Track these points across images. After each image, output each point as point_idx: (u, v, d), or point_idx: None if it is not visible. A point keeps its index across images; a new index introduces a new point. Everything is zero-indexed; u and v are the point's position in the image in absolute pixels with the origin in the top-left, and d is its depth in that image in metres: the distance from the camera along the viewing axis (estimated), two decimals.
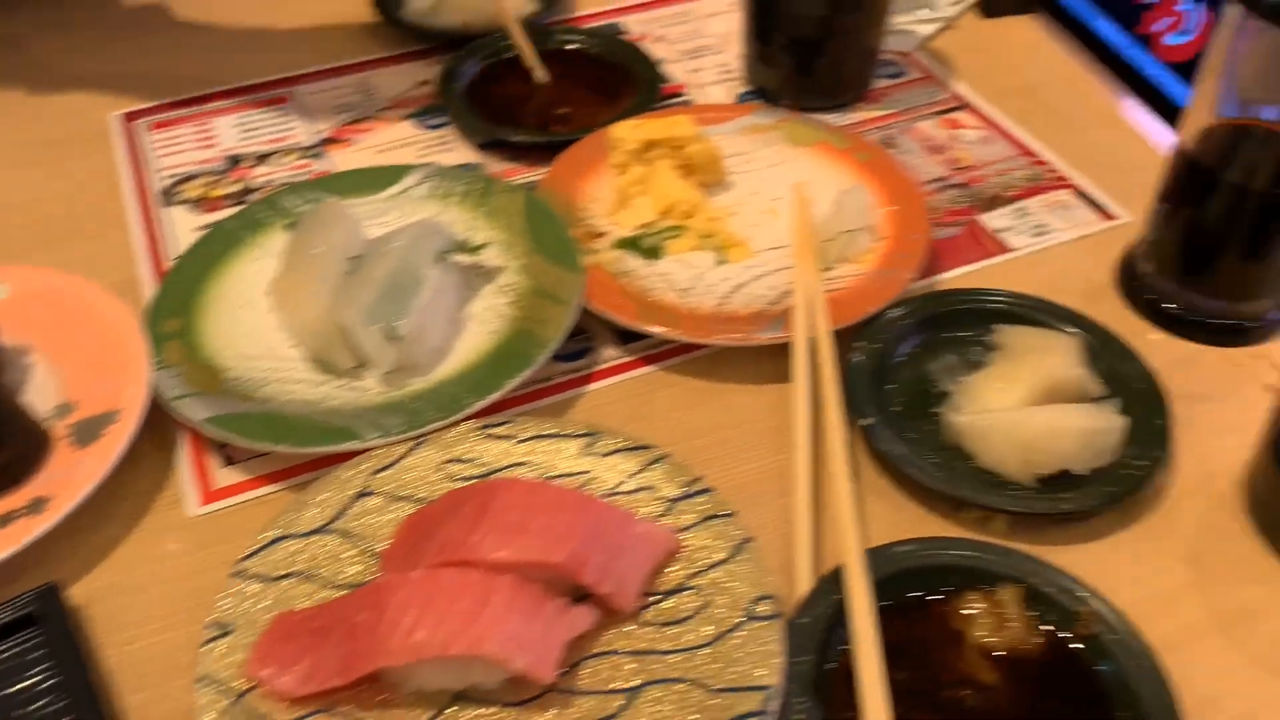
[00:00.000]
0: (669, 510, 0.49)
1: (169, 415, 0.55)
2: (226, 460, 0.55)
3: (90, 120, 0.79)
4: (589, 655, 0.45)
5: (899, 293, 0.60)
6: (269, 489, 0.54)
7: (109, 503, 0.53)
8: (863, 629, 0.44)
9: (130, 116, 0.79)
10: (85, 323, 0.58)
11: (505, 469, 0.51)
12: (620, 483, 0.50)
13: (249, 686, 0.43)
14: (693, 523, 0.48)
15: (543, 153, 0.72)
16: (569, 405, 0.58)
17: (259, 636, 0.45)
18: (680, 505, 0.49)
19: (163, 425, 0.56)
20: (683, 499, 0.49)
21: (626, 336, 0.61)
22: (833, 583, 0.46)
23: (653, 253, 0.64)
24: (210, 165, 0.74)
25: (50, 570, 0.50)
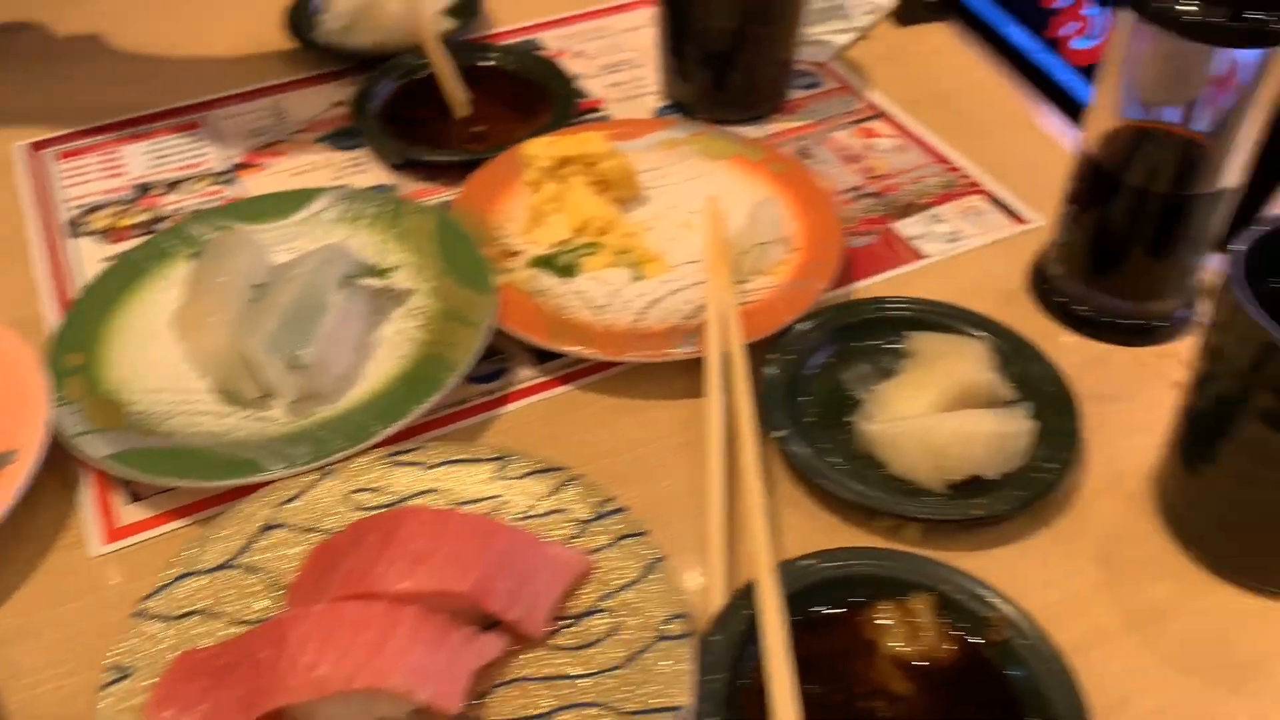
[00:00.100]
0: (581, 532, 0.48)
1: (71, 453, 0.54)
2: (132, 497, 0.54)
3: None
4: (500, 683, 0.44)
5: (812, 303, 0.60)
6: (176, 524, 0.53)
7: (9, 545, 0.51)
8: (774, 644, 0.44)
9: (37, 146, 0.77)
10: None
11: (414, 497, 0.50)
12: (532, 506, 0.50)
13: None
14: (605, 544, 0.48)
15: (459, 172, 0.71)
16: (484, 428, 0.57)
17: (160, 677, 0.44)
18: (593, 526, 0.49)
19: (65, 464, 0.54)
20: (595, 520, 0.49)
21: (543, 356, 0.60)
22: (745, 598, 0.46)
23: (568, 270, 0.63)
24: (118, 194, 0.73)
25: None
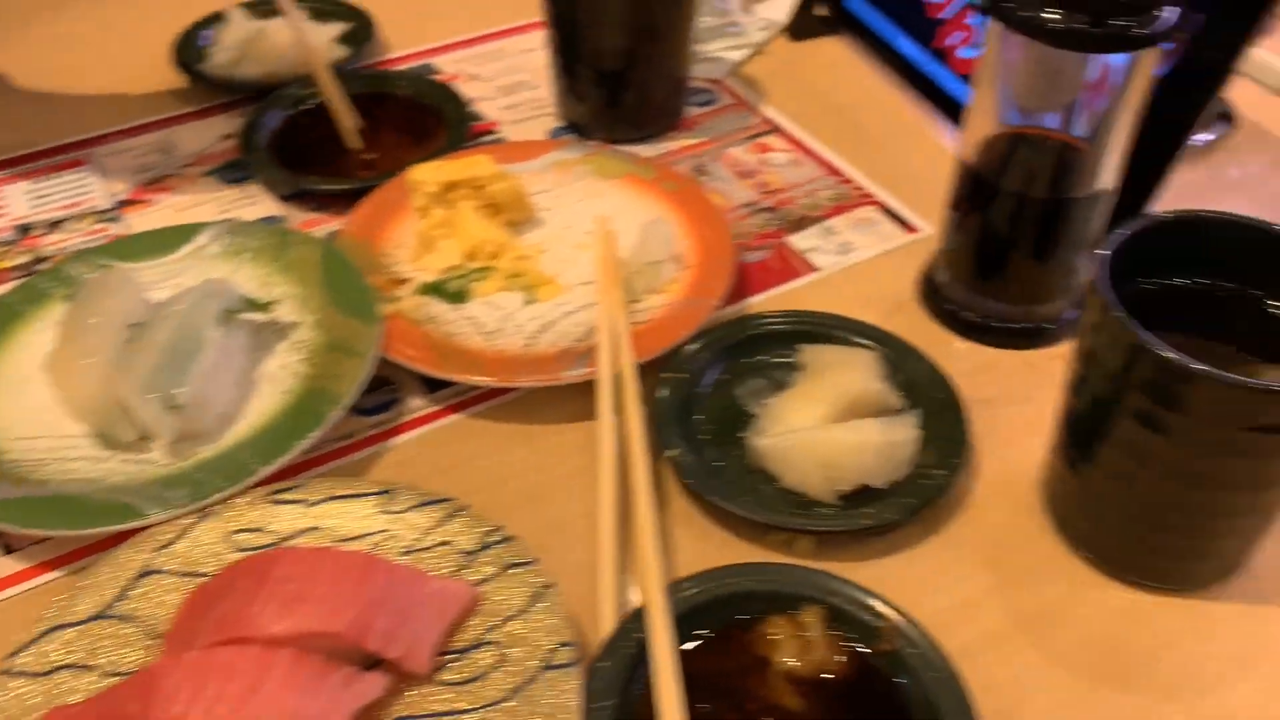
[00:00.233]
0: (468, 563, 0.48)
1: None
2: (5, 549, 0.52)
3: None
4: None
5: (704, 321, 0.60)
6: (53, 575, 0.51)
7: None
8: (663, 666, 0.43)
9: None
10: None
11: (297, 535, 0.49)
12: (418, 539, 0.49)
13: None
14: (492, 574, 0.47)
15: (350, 201, 0.70)
16: (374, 461, 0.56)
17: None
18: (479, 557, 0.48)
19: None
20: (481, 550, 0.48)
21: (434, 385, 0.59)
22: (635, 621, 0.45)
23: (458, 296, 0.62)
24: None
25: None
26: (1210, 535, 0.48)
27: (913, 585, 0.49)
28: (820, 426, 0.53)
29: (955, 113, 0.79)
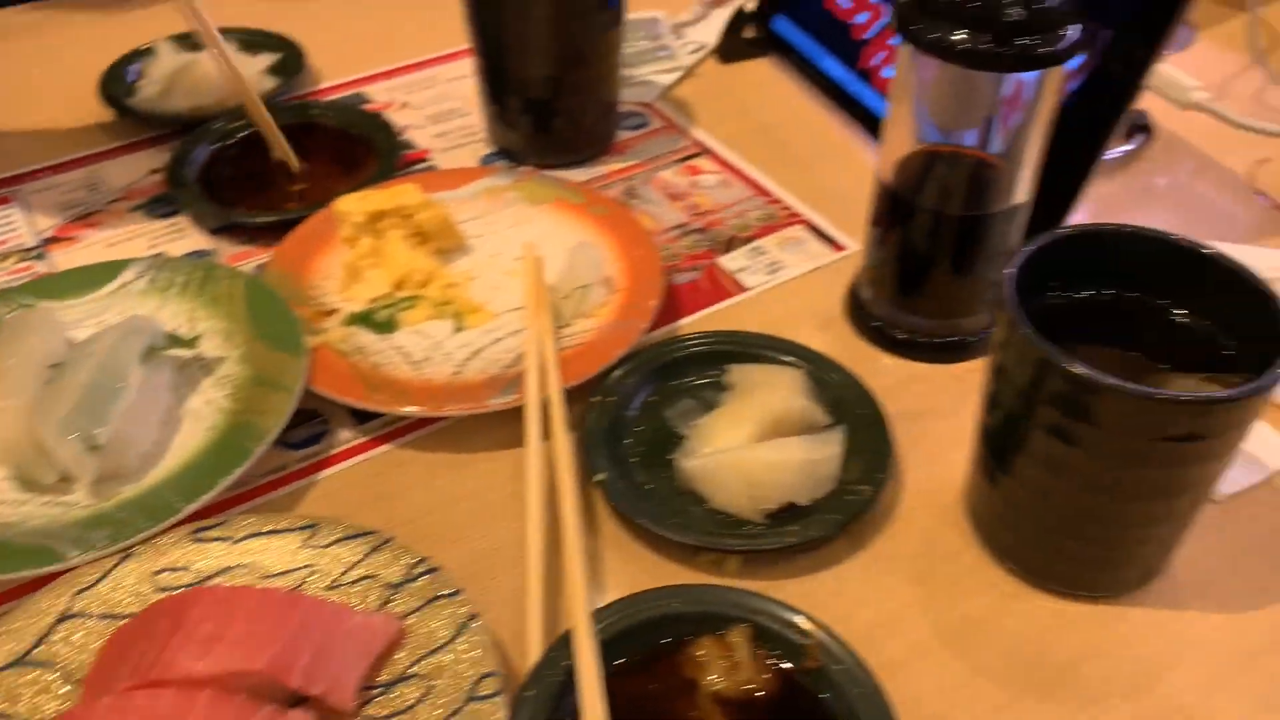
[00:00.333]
0: (393, 596, 0.47)
1: None
2: None
3: None
4: None
5: (633, 343, 0.60)
6: None
7: None
8: (589, 693, 0.43)
9: None
10: None
11: (220, 573, 0.48)
12: (343, 573, 0.48)
13: None
14: (417, 606, 0.47)
15: (280, 232, 0.70)
16: (303, 495, 0.56)
17: None
18: (405, 589, 0.48)
19: None
20: (407, 582, 0.48)
21: (363, 416, 0.59)
22: (562, 648, 0.45)
23: (387, 326, 0.62)
24: None
25: None
26: (1128, 543, 0.49)
27: (840, 600, 0.50)
28: (746, 446, 0.54)
29: (880, 131, 0.80)
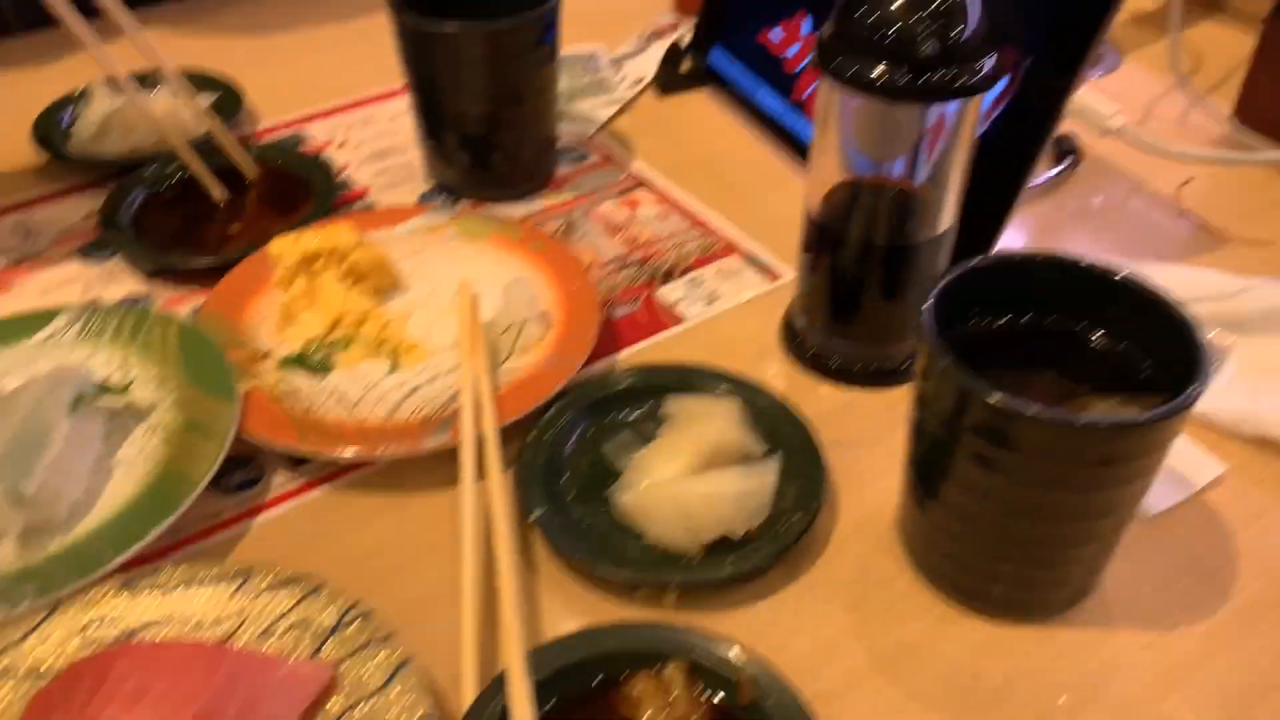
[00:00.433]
0: (325, 642, 0.47)
1: None
2: None
3: None
4: None
5: (569, 378, 0.60)
6: None
7: None
8: None
9: None
10: None
11: (150, 625, 0.48)
12: (275, 621, 0.48)
13: None
14: (350, 652, 0.47)
15: (216, 275, 0.69)
16: (238, 541, 0.55)
17: None
18: (337, 635, 0.47)
19: None
20: (339, 628, 0.47)
21: (299, 459, 0.59)
22: (496, 692, 0.45)
23: (322, 367, 0.62)
24: None
25: None
26: (1055, 565, 0.50)
27: (776, 630, 0.50)
28: (681, 478, 0.54)
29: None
